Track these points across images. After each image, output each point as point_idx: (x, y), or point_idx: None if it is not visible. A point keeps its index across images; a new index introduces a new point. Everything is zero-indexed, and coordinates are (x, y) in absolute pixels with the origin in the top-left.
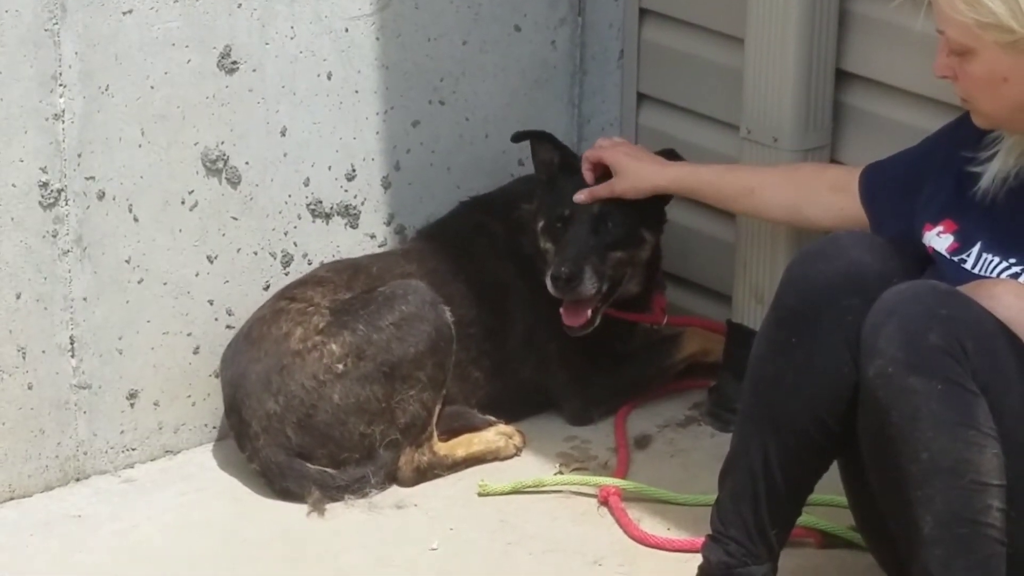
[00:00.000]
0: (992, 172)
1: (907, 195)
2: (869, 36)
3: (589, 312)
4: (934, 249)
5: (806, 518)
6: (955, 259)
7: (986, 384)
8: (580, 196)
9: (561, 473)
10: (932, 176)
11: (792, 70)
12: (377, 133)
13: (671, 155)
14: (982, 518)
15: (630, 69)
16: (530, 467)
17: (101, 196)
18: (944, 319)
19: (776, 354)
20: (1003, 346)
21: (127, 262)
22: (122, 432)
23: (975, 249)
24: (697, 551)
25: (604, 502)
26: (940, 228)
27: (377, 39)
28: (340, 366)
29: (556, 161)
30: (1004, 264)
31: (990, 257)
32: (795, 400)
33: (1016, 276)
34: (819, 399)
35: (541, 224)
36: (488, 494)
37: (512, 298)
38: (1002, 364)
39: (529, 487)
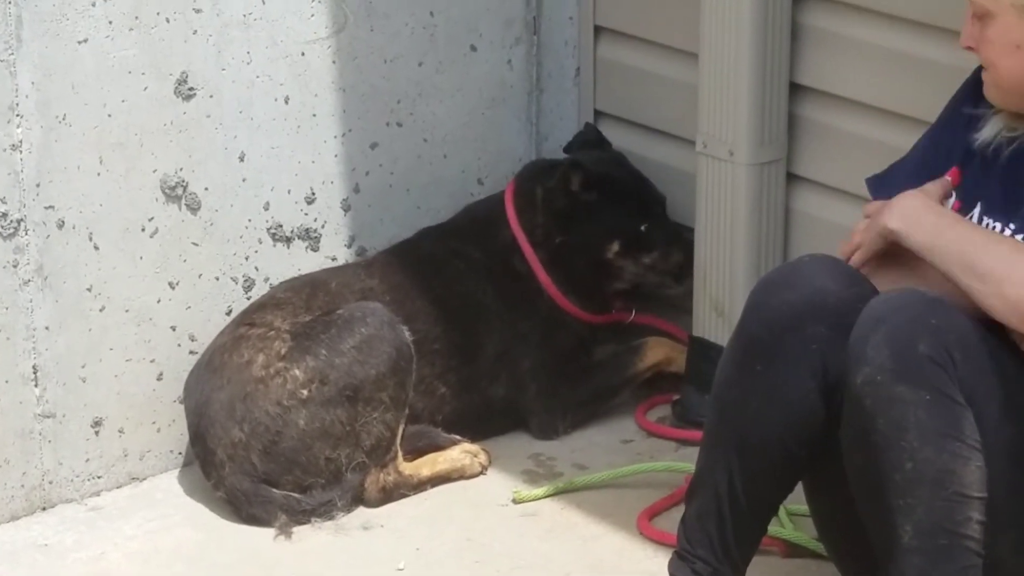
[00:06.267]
0: (996, 127)
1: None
2: (822, 49)
3: None
4: None
5: (771, 528)
6: None
7: (971, 395)
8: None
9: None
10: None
11: (746, 84)
12: (336, 156)
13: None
14: (962, 530)
15: (586, 87)
16: (495, 485)
17: (61, 225)
18: (933, 329)
19: (741, 379)
20: (986, 357)
21: (88, 290)
22: (87, 460)
23: (976, 212)
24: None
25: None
26: (947, 177)
27: (333, 62)
28: (304, 392)
29: (591, 188)
30: (1006, 231)
31: (990, 221)
32: (759, 426)
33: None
34: (783, 426)
35: (618, 247)
36: (523, 500)
37: (487, 317)
38: (985, 375)
39: (571, 487)
